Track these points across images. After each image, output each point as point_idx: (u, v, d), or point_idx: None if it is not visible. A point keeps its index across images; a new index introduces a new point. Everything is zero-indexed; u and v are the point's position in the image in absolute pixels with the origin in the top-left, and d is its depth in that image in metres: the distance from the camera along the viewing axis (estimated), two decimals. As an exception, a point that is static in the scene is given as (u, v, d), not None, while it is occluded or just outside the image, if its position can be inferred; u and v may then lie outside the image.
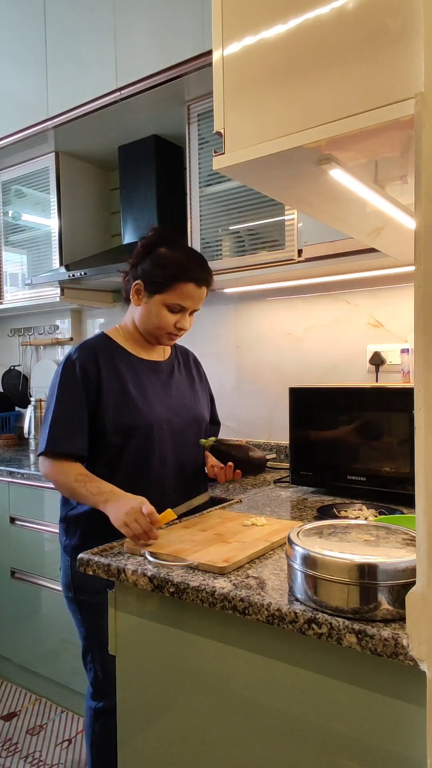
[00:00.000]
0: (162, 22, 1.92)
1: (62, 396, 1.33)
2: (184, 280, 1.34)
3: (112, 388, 1.35)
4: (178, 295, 1.35)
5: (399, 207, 1.15)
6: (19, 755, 1.91)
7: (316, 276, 1.96)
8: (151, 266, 1.36)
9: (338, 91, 0.82)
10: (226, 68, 0.94)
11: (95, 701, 1.40)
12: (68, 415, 1.32)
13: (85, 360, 1.35)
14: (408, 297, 1.94)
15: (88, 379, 1.33)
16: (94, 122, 2.24)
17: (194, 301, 1.38)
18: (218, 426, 1.71)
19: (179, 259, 1.35)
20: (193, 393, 1.53)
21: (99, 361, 1.36)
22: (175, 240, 1.41)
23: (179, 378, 1.51)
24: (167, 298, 1.35)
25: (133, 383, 1.38)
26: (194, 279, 1.35)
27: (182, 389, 1.49)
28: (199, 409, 1.52)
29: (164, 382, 1.46)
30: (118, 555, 1.11)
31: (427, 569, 0.70)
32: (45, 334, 3.09)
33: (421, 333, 0.70)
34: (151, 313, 1.38)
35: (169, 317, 1.37)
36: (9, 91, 2.46)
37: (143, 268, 1.37)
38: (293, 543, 0.88)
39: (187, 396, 1.49)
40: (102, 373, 1.35)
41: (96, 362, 1.36)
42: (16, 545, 2.24)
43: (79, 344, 1.40)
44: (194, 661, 0.99)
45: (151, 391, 1.41)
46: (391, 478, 1.50)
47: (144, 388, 1.40)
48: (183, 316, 1.39)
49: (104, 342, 1.42)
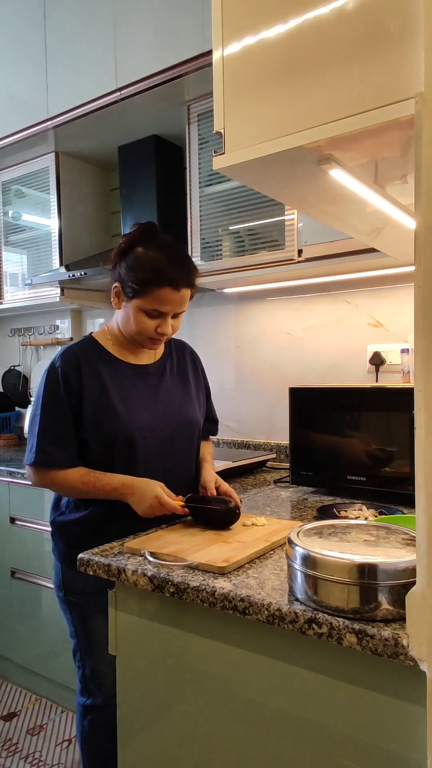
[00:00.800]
0: (162, 22, 1.92)
1: (47, 405, 1.30)
2: (158, 284, 1.25)
3: (93, 397, 1.30)
4: (154, 300, 1.27)
5: (399, 207, 1.15)
6: (19, 755, 1.91)
7: (316, 276, 1.96)
8: (126, 269, 1.29)
9: (338, 91, 0.82)
10: (226, 68, 0.94)
11: (83, 698, 1.41)
12: (54, 426, 1.29)
13: (67, 368, 1.31)
14: (408, 297, 1.94)
15: (70, 387, 1.29)
16: (94, 122, 2.24)
17: (174, 305, 1.29)
18: (215, 424, 1.64)
19: (154, 261, 1.26)
20: (185, 395, 1.46)
21: (81, 369, 1.31)
22: (155, 237, 1.32)
23: (169, 381, 1.45)
24: (143, 303, 1.28)
25: (116, 391, 1.33)
26: (170, 282, 1.25)
27: (172, 393, 1.43)
28: (189, 413, 1.45)
29: (152, 387, 1.40)
30: (118, 555, 1.11)
31: (427, 569, 0.70)
32: (45, 334, 3.09)
33: (421, 333, 0.70)
34: (130, 318, 1.31)
35: (148, 322, 1.30)
36: (9, 91, 2.46)
37: (119, 271, 1.31)
38: (293, 543, 0.88)
39: (176, 400, 1.43)
40: (84, 381, 1.31)
41: (78, 370, 1.31)
42: (16, 545, 2.24)
43: (62, 349, 1.35)
44: (194, 661, 0.99)
45: (136, 398, 1.36)
46: (391, 478, 1.50)
47: (128, 396, 1.35)
48: (164, 321, 1.30)
49: (89, 346, 1.37)
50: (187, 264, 1.31)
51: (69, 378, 1.30)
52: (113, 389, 1.33)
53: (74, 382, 1.30)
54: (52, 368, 1.32)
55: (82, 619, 1.38)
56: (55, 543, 1.41)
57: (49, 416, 1.30)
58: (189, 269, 1.31)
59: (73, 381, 1.30)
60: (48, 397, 1.31)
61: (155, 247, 1.29)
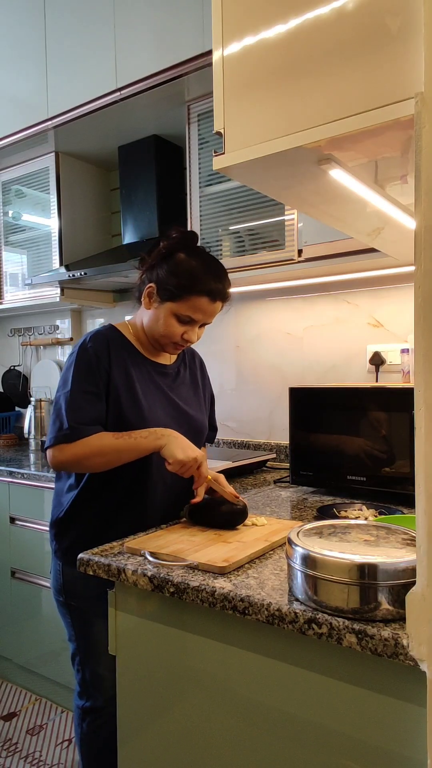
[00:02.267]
0: (162, 22, 1.92)
1: (78, 382, 1.27)
2: (197, 292, 1.27)
3: (120, 384, 1.31)
4: (189, 307, 1.29)
5: (399, 207, 1.15)
6: (19, 755, 1.91)
7: (316, 276, 1.96)
8: (166, 272, 1.30)
9: (338, 91, 0.82)
10: (226, 68, 0.94)
11: (82, 700, 1.41)
12: (86, 403, 1.27)
13: (99, 349, 1.31)
14: (408, 297, 1.94)
15: (101, 369, 1.30)
16: (94, 122, 2.24)
17: (205, 315, 1.31)
18: (215, 432, 1.65)
19: (196, 269, 1.28)
20: (196, 400, 1.49)
21: (111, 354, 1.32)
22: (196, 246, 1.35)
23: (183, 385, 1.47)
24: (178, 307, 1.29)
25: (140, 383, 1.35)
26: (208, 293, 1.28)
27: (185, 397, 1.45)
28: (199, 417, 1.48)
29: (168, 388, 1.42)
30: (118, 555, 1.11)
31: (427, 569, 0.70)
32: (45, 334, 3.09)
33: (421, 333, 0.70)
34: (159, 320, 1.32)
35: (176, 327, 1.31)
36: (9, 91, 2.46)
37: (159, 272, 1.32)
38: (293, 543, 0.88)
39: (188, 404, 1.45)
40: (112, 366, 1.31)
41: (108, 354, 1.32)
42: (16, 545, 2.24)
43: (91, 333, 1.35)
44: (194, 661, 0.99)
45: (155, 395, 1.37)
46: (391, 478, 1.50)
47: (148, 392, 1.36)
48: (192, 328, 1.33)
49: (115, 335, 1.37)
50: (225, 278, 1.33)
51: (101, 359, 1.30)
52: (138, 381, 1.34)
53: (105, 364, 1.30)
54: (83, 348, 1.31)
55: (82, 624, 1.38)
56: (58, 542, 1.41)
57: (80, 394, 1.27)
58: (225, 284, 1.33)
59: (104, 363, 1.30)
60: (79, 377, 1.28)
61: (197, 257, 1.31)
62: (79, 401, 1.27)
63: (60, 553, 1.39)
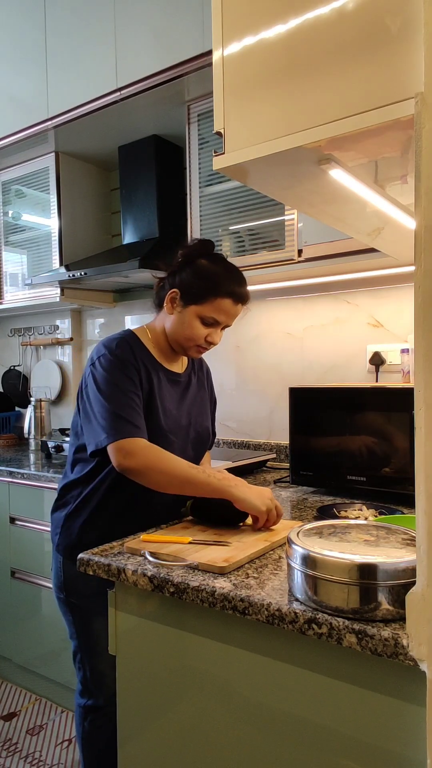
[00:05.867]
0: (162, 22, 1.92)
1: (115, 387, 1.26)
2: (222, 294, 1.32)
3: (145, 390, 1.32)
4: (213, 309, 1.33)
5: (399, 207, 1.15)
6: (19, 755, 1.91)
7: (316, 276, 1.96)
8: (190, 276, 1.33)
9: (338, 91, 0.82)
10: (226, 68, 0.94)
11: (83, 699, 1.41)
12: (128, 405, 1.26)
13: (126, 353, 1.32)
14: (408, 297, 1.94)
15: (132, 371, 1.30)
16: (94, 122, 2.24)
17: (228, 317, 1.36)
18: (214, 437, 1.64)
19: (219, 273, 1.33)
20: (203, 408, 1.52)
21: (137, 359, 1.33)
22: (216, 254, 1.40)
23: (193, 393, 1.49)
24: (202, 310, 1.33)
25: (158, 390, 1.36)
26: (232, 295, 1.33)
27: (193, 404, 1.48)
28: (205, 424, 1.51)
29: (180, 395, 1.44)
30: (118, 555, 1.11)
31: (427, 569, 0.70)
32: (45, 334, 3.09)
33: (421, 333, 0.70)
34: (184, 323, 1.35)
35: (201, 329, 1.34)
36: (9, 91, 2.46)
37: (182, 277, 1.35)
38: (293, 543, 0.88)
39: (197, 413, 1.48)
40: (140, 371, 1.32)
41: (135, 358, 1.33)
42: (16, 545, 2.24)
43: (112, 339, 1.35)
44: (194, 661, 0.99)
45: (169, 401, 1.39)
46: (391, 478, 1.50)
47: (164, 398, 1.38)
48: (215, 331, 1.36)
49: (136, 342, 1.38)
50: (245, 283, 1.38)
51: (129, 363, 1.30)
52: (156, 388, 1.36)
53: (135, 369, 1.31)
54: (113, 355, 1.30)
55: (83, 621, 1.38)
56: (61, 536, 1.40)
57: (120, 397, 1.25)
58: (246, 288, 1.37)
59: (132, 366, 1.31)
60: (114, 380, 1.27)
61: (219, 262, 1.37)
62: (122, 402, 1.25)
63: (62, 548, 1.39)
